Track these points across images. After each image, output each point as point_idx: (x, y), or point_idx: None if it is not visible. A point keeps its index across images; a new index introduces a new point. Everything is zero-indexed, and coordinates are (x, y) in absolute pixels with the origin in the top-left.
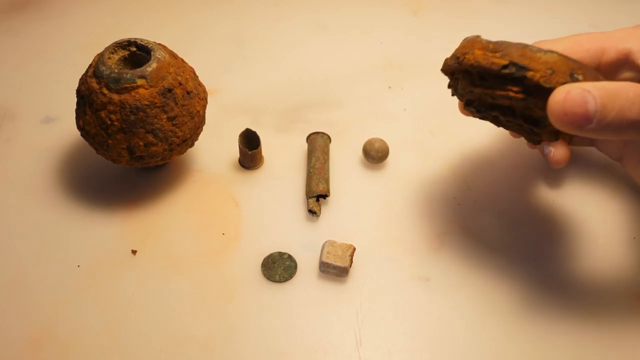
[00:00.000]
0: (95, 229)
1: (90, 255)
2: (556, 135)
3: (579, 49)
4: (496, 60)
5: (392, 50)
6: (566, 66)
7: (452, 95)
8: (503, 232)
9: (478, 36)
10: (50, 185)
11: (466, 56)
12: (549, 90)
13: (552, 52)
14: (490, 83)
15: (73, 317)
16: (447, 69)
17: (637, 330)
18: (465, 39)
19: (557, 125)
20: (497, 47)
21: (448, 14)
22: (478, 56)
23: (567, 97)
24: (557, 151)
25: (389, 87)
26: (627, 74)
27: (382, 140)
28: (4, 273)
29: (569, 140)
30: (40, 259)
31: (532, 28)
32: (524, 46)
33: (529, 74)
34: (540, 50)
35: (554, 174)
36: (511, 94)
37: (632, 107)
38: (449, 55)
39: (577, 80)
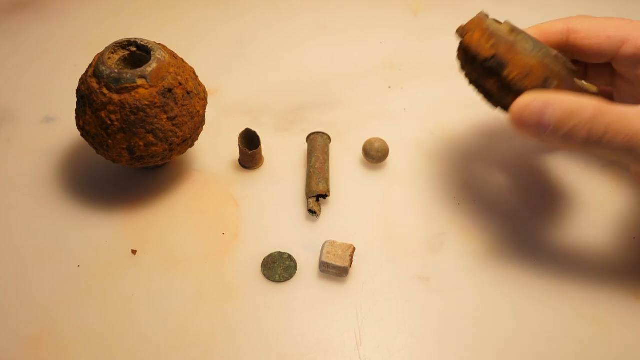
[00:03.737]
0: (95, 229)
1: (90, 255)
2: None
3: (602, 34)
4: (483, 51)
5: (392, 50)
6: (543, 71)
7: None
8: (503, 232)
9: (487, 16)
10: (50, 185)
11: (466, 35)
12: (518, 92)
13: (536, 55)
14: (476, 67)
15: (73, 317)
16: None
17: (638, 330)
18: (480, 13)
19: (513, 127)
20: (492, 35)
21: (448, 14)
22: (473, 40)
23: (527, 107)
24: None
25: (389, 87)
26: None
27: (382, 140)
28: (4, 273)
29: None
30: (40, 259)
31: None
32: (512, 44)
33: (505, 71)
34: (525, 51)
35: (554, 175)
36: (488, 85)
37: (583, 128)
38: (449, 55)
39: (549, 87)
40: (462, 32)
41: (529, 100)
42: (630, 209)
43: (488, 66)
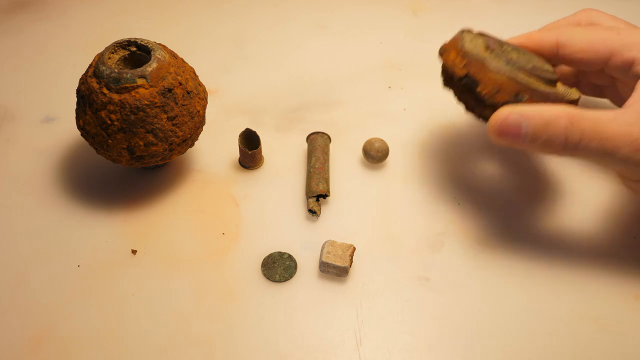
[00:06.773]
0: (95, 229)
1: (90, 255)
2: None
3: (590, 49)
4: (457, 70)
5: (392, 50)
6: (512, 87)
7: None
8: (503, 232)
9: (469, 31)
10: (50, 185)
11: (443, 55)
12: (493, 106)
13: (506, 71)
14: (455, 84)
15: (73, 317)
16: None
17: (638, 330)
18: (459, 32)
19: (492, 139)
20: (465, 55)
21: (448, 14)
22: (449, 60)
23: (504, 120)
24: None
25: (389, 87)
26: (630, 80)
27: (382, 140)
28: (4, 273)
29: None
30: (40, 259)
31: (532, 28)
32: (482, 63)
33: (478, 88)
34: (494, 69)
35: (555, 176)
36: (467, 99)
37: (558, 138)
38: None
39: (520, 101)
40: (442, 51)
41: (506, 114)
42: (631, 209)
43: (463, 83)
